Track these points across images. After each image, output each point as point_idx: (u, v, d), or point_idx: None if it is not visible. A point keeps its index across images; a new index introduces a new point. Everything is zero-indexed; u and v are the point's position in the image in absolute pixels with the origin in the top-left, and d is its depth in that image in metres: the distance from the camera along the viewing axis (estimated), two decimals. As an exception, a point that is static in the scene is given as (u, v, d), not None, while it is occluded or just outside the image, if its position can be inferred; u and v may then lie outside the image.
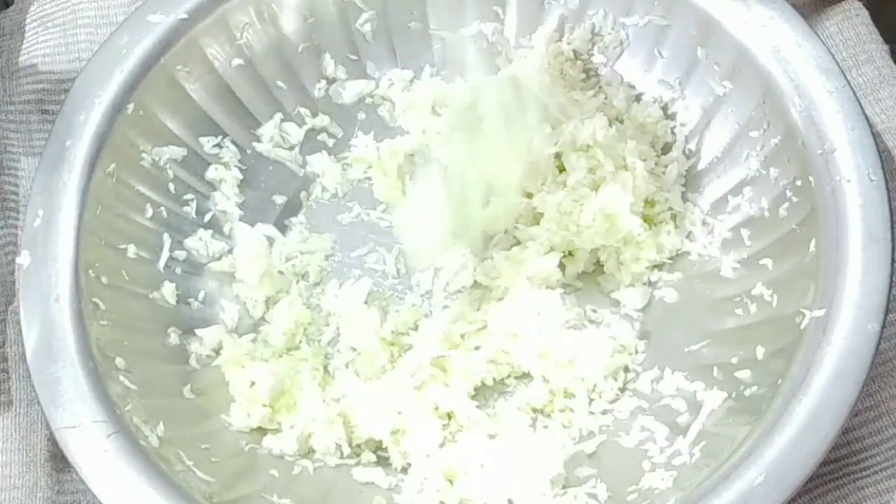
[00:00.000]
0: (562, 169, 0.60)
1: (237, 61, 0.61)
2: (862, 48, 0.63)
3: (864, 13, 0.64)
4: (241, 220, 0.62)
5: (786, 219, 0.55)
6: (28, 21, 0.68)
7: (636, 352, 0.58)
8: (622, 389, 0.57)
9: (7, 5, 0.71)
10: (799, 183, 0.54)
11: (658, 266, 0.60)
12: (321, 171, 0.63)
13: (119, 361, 0.53)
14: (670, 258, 0.60)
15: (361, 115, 0.64)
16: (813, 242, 0.53)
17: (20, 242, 0.55)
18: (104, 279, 0.55)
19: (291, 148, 0.63)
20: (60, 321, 0.52)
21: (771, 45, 0.56)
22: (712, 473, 0.49)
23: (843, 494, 0.54)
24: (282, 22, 0.62)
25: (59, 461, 0.56)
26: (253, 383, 0.56)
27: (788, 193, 0.55)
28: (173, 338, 0.57)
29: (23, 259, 0.53)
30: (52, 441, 0.55)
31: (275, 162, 0.63)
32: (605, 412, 0.57)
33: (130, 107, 0.57)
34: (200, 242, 0.60)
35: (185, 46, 0.59)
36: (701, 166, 0.60)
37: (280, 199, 0.63)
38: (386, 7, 0.63)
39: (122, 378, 0.53)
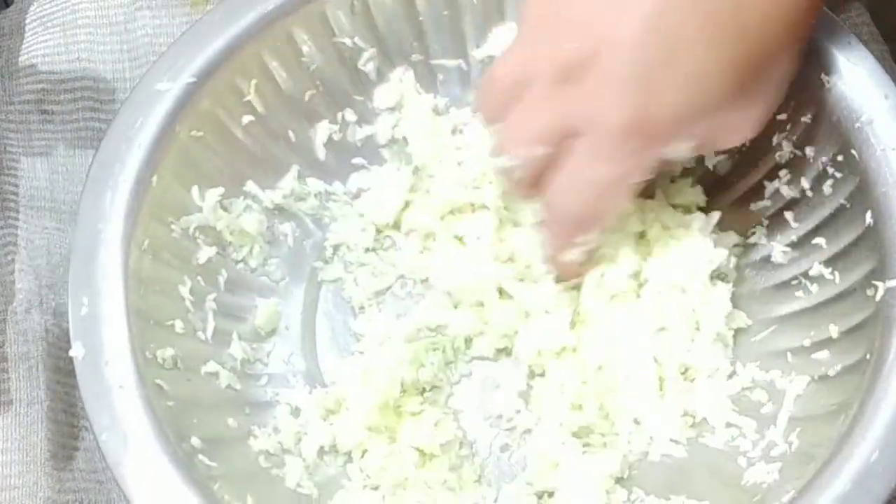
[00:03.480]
0: None
1: (247, 118, 0.60)
2: (862, 48, 0.63)
3: (864, 13, 0.64)
4: (279, 280, 0.61)
5: (832, 195, 0.55)
6: (28, 21, 0.67)
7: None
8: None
9: (7, 5, 0.70)
10: (840, 158, 0.54)
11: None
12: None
13: (195, 441, 0.51)
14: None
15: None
16: (868, 214, 0.52)
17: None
18: (160, 359, 0.53)
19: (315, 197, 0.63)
20: (130, 409, 0.50)
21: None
22: (823, 459, 0.48)
23: None
24: (286, 74, 0.60)
25: (59, 461, 0.56)
26: None
27: (830, 170, 0.55)
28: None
29: (76, 350, 0.51)
30: (52, 441, 0.55)
31: (294, 215, 0.62)
32: (683, 414, 0.56)
33: (154, 179, 0.56)
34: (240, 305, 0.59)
35: (195, 110, 0.57)
36: (728, 158, 0.60)
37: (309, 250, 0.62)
38: (382, 43, 0.62)
39: (201, 457, 0.51)
